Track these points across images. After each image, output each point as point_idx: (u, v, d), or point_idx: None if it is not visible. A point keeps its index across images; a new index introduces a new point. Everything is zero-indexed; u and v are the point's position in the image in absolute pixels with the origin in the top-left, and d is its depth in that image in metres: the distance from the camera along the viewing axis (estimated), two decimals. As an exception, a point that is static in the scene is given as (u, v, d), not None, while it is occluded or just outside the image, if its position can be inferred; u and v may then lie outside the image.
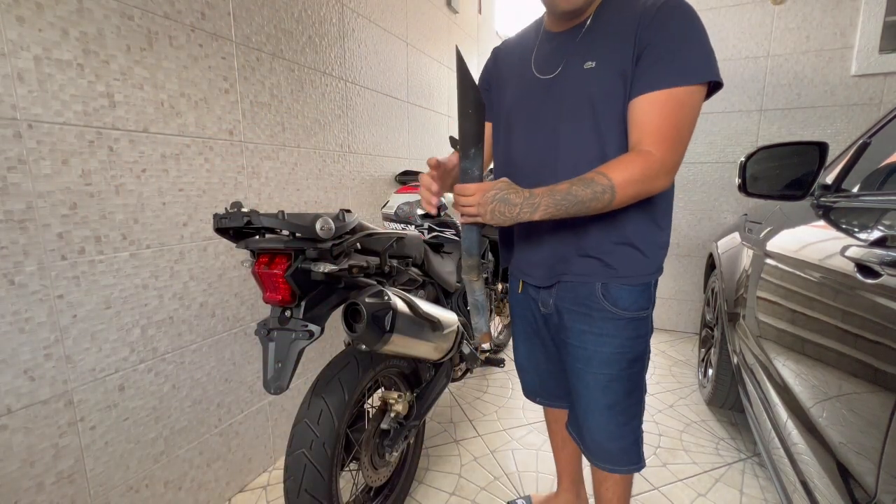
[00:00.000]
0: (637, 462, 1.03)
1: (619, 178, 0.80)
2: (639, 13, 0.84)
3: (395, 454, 1.27)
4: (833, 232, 1.05)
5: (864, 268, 0.82)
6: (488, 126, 1.09)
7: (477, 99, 0.78)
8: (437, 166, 0.93)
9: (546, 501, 1.43)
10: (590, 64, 0.87)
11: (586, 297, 0.96)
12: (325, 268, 0.94)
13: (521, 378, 1.27)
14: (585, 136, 0.90)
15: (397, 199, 1.90)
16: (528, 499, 1.47)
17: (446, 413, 2.05)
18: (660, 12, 0.82)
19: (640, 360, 0.99)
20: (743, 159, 1.37)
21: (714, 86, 0.86)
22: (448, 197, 1.99)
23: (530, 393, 1.27)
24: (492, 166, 1.15)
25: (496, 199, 0.80)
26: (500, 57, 1.09)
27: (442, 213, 1.88)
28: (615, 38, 0.86)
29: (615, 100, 0.86)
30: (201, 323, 1.35)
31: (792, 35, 2.55)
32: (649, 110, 0.82)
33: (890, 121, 1.16)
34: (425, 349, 1.21)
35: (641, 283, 0.95)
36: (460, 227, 0.94)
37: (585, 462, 1.31)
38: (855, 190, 1.16)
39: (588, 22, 0.90)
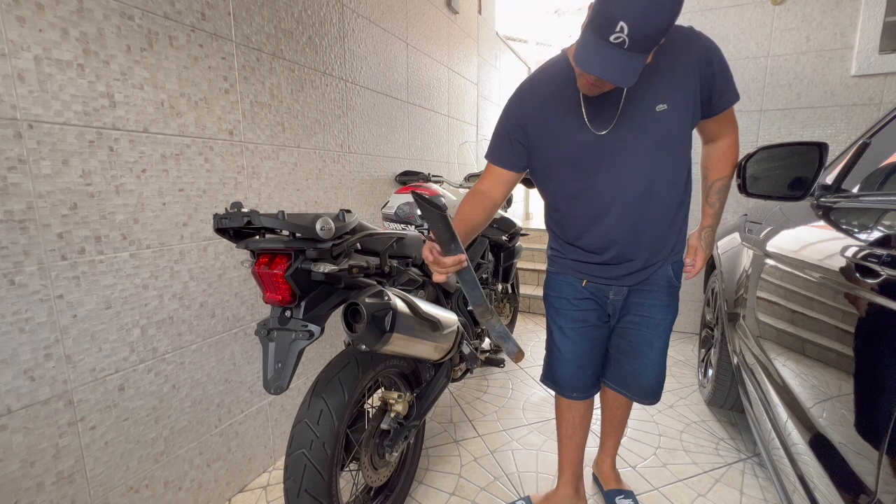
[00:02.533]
0: (661, 391, 1.34)
1: (731, 166, 1.18)
2: (689, 54, 1.01)
3: (395, 454, 1.27)
4: (833, 232, 1.05)
5: (864, 268, 0.82)
6: (505, 174, 1.18)
7: (442, 217, 0.87)
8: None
9: (546, 499, 1.44)
10: (662, 106, 1.01)
11: (658, 278, 1.20)
12: (325, 268, 0.94)
13: (561, 375, 1.32)
14: (659, 170, 1.07)
15: (397, 199, 1.90)
16: (527, 499, 1.47)
17: (446, 413, 2.05)
18: (704, 52, 1.02)
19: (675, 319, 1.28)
20: (743, 159, 1.37)
21: None
22: (442, 190, 1.99)
23: (570, 388, 1.33)
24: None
25: (710, 248, 1.21)
26: (532, 105, 1.11)
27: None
28: (678, 78, 1.01)
29: (688, 125, 1.07)
30: (201, 323, 1.35)
31: (792, 35, 2.55)
32: (726, 119, 1.12)
33: (890, 121, 1.16)
34: (425, 349, 1.21)
35: (682, 258, 1.23)
36: (460, 284, 1.01)
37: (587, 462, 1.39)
38: (855, 190, 1.16)
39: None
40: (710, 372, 2.03)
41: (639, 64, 0.83)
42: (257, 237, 0.97)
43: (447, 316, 1.32)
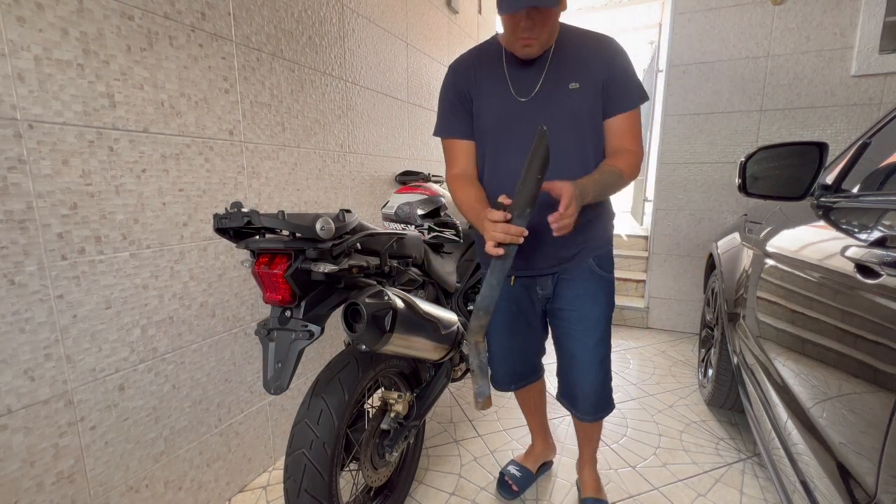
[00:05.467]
0: (611, 405, 1.29)
1: (625, 167, 1.09)
2: (600, 48, 1.11)
3: (395, 454, 1.27)
4: (833, 232, 1.05)
5: (864, 268, 0.82)
6: (468, 144, 1.23)
7: (545, 167, 0.88)
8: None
9: (529, 457, 1.60)
10: (574, 85, 1.09)
11: (583, 268, 1.20)
12: (326, 268, 0.94)
13: (495, 372, 1.39)
14: (571, 147, 1.11)
15: (397, 199, 1.90)
16: (513, 462, 1.60)
17: (446, 413, 2.05)
18: (613, 52, 1.10)
19: (610, 318, 1.25)
20: (743, 159, 1.37)
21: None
22: (442, 190, 1.99)
23: (504, 384, 1.41)
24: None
25: (577, 199, 0.93)
26: (466, 74, 1.19)
27: (442, 214, 1.88)
28: (590, 66, 1.09)
29: (596, 115, 1.12)
30: (201, 323, 1.35)
31: (792, 35, 2.55)
32: (624, 125, 1.13)
33: (890, 121, 1.16)
34: (425, 349, 1.21)
35: (609, 248, 1.25)
36: (486, 273, 1.00)
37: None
38: (855, 190, 1.16)
39: (551, 52, 1.11)
40: (710, 372, 2.03)
41: None
42: (257, 237, 0.97)
43: (447, 316, 1.32)
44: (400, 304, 1.07)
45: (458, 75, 1.20)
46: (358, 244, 1.09)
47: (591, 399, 1.25)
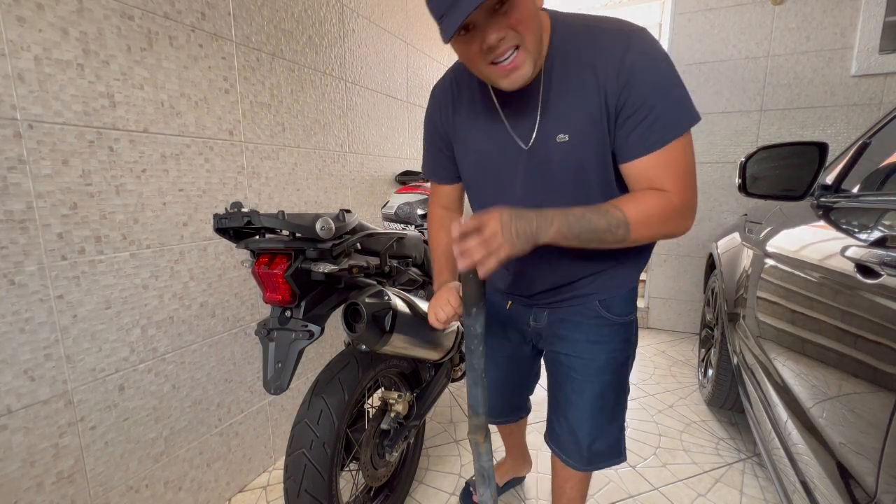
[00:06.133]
0: (619, 455, 1.04)
1: (633, 212, 0.75)
2: (601, 68, 0.75)
3: (395, 454, 1.27)
4: (833, 232, 1.05)
5: (864, 268, 0.82)
6: (453, 188, 1.04)
7: (480, 293, 0.78)
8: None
9: (498, 469, 1.50)
10: (563, 137, 0.80)
11: (585, 310, 0.97)
12: (326, 268, 0.94)
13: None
14: (577, 201, 0.82)
15: (397, 199, 1.90)
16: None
17: (446, 413, 2.05)
18: (631, 68, 0.73)
19: (627, 363, 1.01)
20: (743, 159, 1.37)
21: None
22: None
23: (497, 416, 1.25)
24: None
25: (514, 218, 0.70)
26: (444, 109, 0.96)
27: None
28: (582, 104, 0.77)
29: (596, 167, 0.82)
30: (201, 323, 1.35)
31: (792, 35, 2.55)
32: (652, 169, 0.77)
33: (890, 121, 1.16)
34: (425, 349, 1.21)
35: (629, 289, 0.98)
36: (461, 323, 0.91)
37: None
38: (855, 190, 1.16)
39: (542, 77, 0.80)
40: (710, 372, 2.03)
41: None
42: (257, 237, 0.97)
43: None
44: (400, 304, 1.07)
45: (436, 110, 0.97)
46: (358, 244, 1.09)
47: (582, 447, 1.01)
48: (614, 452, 1.03)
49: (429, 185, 2.01)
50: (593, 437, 1.00)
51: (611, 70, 0.74)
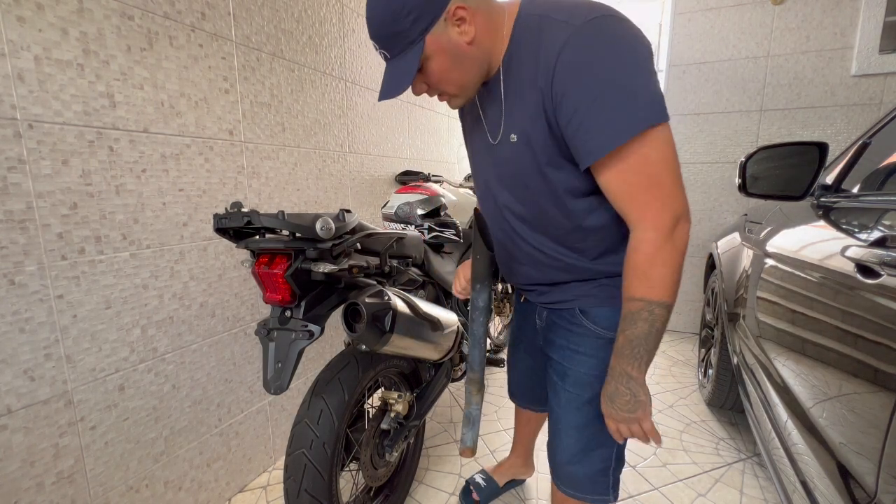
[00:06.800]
0: (604, 494, 0.94)
1: (650, 289, 0.71)
2: (539, 63, 0.70)
3: (395, 454, 1.27)
4: (833, 232, 1.05)
5: (864, 268, 0.82)
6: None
7: (488, 246, 0.89)
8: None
9: (499, 468, 1.53)
10: (513, 137, 0.79)
11: (569, 316, 0.93)
12: (325, 268, 0.94)
13: (508, 377, 1.34)
14: (530, 218, 0.86)
15: (397, 199, 1.90)
16: (482, 471, 1.55)
17: (446, 413, 2.05)
18: (567, 64, 0.66)
19: None
20: (743, 159, 1.37)
21: None
22: (442, 191, 1.99)
23: (512, 394, 1.35)
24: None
25: (617, 409, 0.79)
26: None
27: (442, 214, 1.88)
28: (525, 104, 0.75)
29: (536, 174, 0.79)
30: (201, 323, 1.35)
31: (792, 35, 2.55)
32: (611, 179, 0.70)
33: (890, 121, 1.16)
34: (425, 349, 1.21)
35: (618, 303, 0.86)
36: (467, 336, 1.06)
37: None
38: (855, 190, 1.16)
39: (501, 78, 0.78)
40: (710, 372, 2.03)
41: (407, 63, 0.71)
42: (257, 237, 0.97)
43: (447, 316, 1.31)
44: (400, 304, 1.07)
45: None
46: (358, 244, 1.09)
47: (565, 467, 0.96)
48: (597, 486, 0.94)
49: (428, 184, 2.01)
50: (569, 457, 0.94)
51: (548, 65, 0.68)
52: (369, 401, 1.30)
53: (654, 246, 0.69)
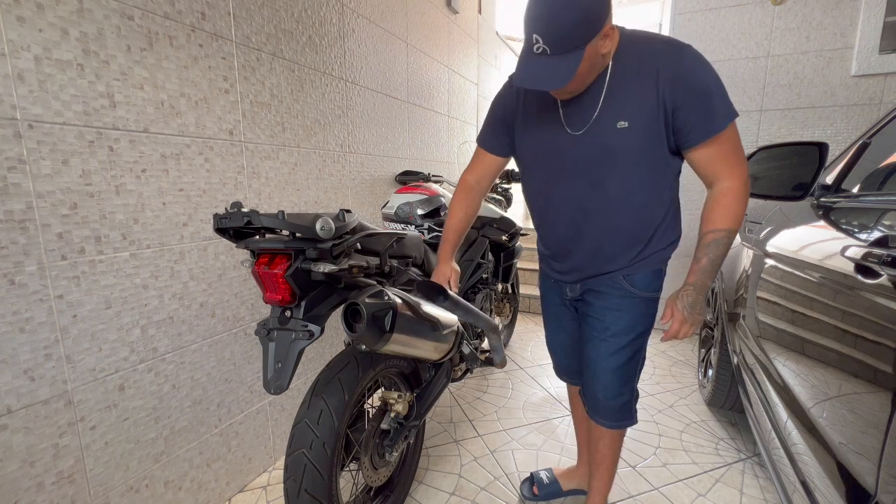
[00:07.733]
0: (631, 418, 1.22)
1: (728, 216, 0.99)
2: (656, 68, 0.94)
3: (395, 454, 1.27)
4: (833, 232, 1.05)
5: (864, 268, 0.82)
6: (494, 160, 1.25)
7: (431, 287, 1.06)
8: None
9: (566, 474, 1.54)
10: (622, 124, 0.97)
11: (609, 280, 1.13)
12: (325, 268, 0.94)
13: (552, 358, 1.42)
14: (623, 194, 1.04)
15: (397, 199, 1.90)
16: (549, 470, 1.56)
17: (446, 413, 2.05)
18: (690, 71, 0.93)
19: (646, 332, 1.17)
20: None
21: None
22: (442, 190, 1.99)
23: (560, 371, 1.42)
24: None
25: (687, 307, 1.03)
26: (515, 97, 1.13)
27: (442, 214, 1.88)
28: (641, 98, 0.96)
29: (648, 153, 1.00)
30: (201, 323, 1.35)
31: (792, 35, 2.55)
32: (712, 154, 0.98)
33: (890, 121, 1.16)
34: (425, 349, 1.21)
35: (655, 269, 1.13)
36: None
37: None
38: (855, 190, 1.16)
39: (607, 78, 0.98)
40: (710, 372, 2.03)
41: (569, 63, 0.86)
42: (257, 237, 0.97)
43: (447, 316, 1.31)
44: (400, 304, 1.07)
45: (508, 97, 1.15)
46: (358, 244, 1.09)
47: (601, 403, 1.19)
48: (626, 414, 1.21)
49: (428, 184, 2.01)
50: (611, 393, 1.17)
51: (670, 72, 0.93)
52: (369, 401, 1.30)
53: (740, 190, 0.99)
